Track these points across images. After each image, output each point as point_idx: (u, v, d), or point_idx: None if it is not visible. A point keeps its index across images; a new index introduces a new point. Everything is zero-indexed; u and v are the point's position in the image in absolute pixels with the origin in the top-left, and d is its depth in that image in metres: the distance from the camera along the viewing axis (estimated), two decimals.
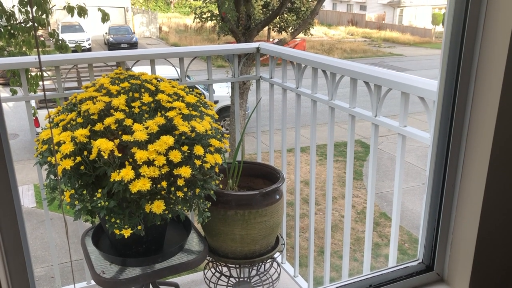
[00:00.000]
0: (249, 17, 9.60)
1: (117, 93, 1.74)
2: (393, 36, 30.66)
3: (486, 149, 1.14)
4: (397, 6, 35.19)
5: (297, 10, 20.52)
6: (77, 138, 1.58)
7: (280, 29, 21.83)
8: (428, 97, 1.43)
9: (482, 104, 1.14)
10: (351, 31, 33.28)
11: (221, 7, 8.97)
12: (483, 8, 1.10)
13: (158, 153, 1.60)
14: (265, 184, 2.24)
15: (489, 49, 1.10)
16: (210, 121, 1.81)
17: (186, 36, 27.11)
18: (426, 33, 30.32)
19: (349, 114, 1.86)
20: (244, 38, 9.51)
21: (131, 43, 22.93)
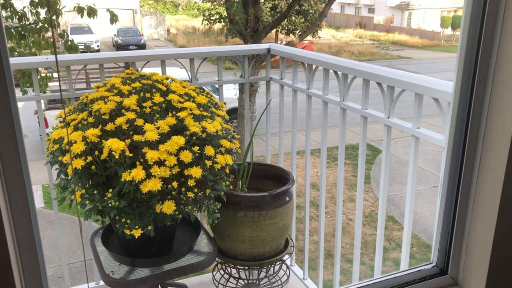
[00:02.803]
0: (258, 19, 9.61)
1: (129, 93, 1.73)
2: (402, 39, 30.54)
3: (503, 150, 1.12)
4: (406, 9, 35.06)
5: (305, 13, 20.50)
6: (88, 138, 1.57)
7: (288, 32, 21.81)
8: (442, 99, 1.41)
9: (500, 105, 1.12)
10: (359, 33, 33.18)
11: (229, 9, 8.98)
12: (501, 8, 1.08)
13: (169, 153, 1.59)
14: (275, 186, 2.23)
15: (507, 50, 1.09)
16: (221, 121, 1.81)
17: (194, 38, 27.18)
18: (434, 36, 30.17)
19: (361, 116, 1.84)
20: (252, 40, 9.51)
21: (140, 45, 23.04)
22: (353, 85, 1.93)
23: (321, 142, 2.18)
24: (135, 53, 2.13)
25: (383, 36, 31.54)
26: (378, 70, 1.70)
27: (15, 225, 0.84)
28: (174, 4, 36.02)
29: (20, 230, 0.82)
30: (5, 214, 0.85)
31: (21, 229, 0.83)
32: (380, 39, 31.06)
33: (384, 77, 1.66)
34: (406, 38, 30.68)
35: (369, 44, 29.60)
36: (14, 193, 0.86)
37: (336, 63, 1.92)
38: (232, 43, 20.05)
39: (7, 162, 0.84)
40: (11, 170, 0.85)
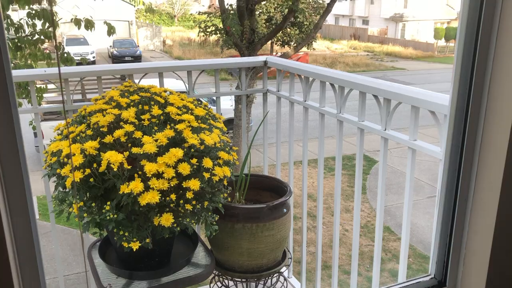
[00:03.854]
0: (253, 31, 9.67)
1: (127, 106, 1.74)
2: (396, 50, 30.79)
3: (499, 163, 1.13)
4: (400, 21, 35.41)
5: (300, 25, 20.64)
6: (86, 151, 1.58)
7: (283, 43, 21.93)
8: (439, 111, 1.43)
9: (495, 117, 1.14)
10: (354, 45, 33.44)
11: (225, 21, 9.04)
12: (495, 22, 1.11)
13: (167, 166, 1.60)
14: (272, 197, 2.23)
15: (502, 63, 1.11)
16: (219, 133, 1.82)
17: (190, 49, 27.27)
18: (428, 47, 30.45)
19: (358, 128, 1.86)
20: (248, 52, 9.57)
21: (135, 56, 23.08)
22: (350, 95, 1.95)
23: (318, 154, 2.19)
24: (134, 66, 2.14)
25: (378, 48, 31.78)
26: (375, 83, 1.72)
27: (15, 239, 0.84)
28: (169, 15, 36.20)
29: (21, 247, 0.82)
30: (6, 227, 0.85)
31: (22, 246, 0.83)
32: (375, 50, 31.30)
33: (381, 90, 1.68)
34: (400, 49, 30.93)
35: (363, 55, 29.82)
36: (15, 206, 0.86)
37: (332, 76, 1.94)
38: (228, 54, 20.13)
39: (8, 175, 0.85)
40: (13, 183, 0.85)
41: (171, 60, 25.34)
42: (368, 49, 31.99)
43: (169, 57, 26.18)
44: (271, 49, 22.16)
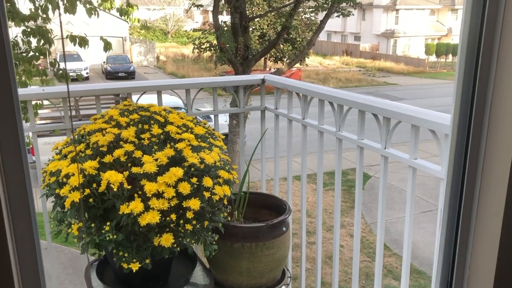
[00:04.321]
0: (247, 48, 9.74)
1: (127, 125, 1.74)
2: (388, 65, 31.09)
3: (503, 183, 1.14)
4: (391, 37, 35.84)
5: (292, 41, 20.85)
6: (86, 170, 1.56)
7: (276, 59, 22.11)
8: (439, 130, 1.43)
9: (498, 136, 1.15)
10: (346, 60, 33.74)
11: (220, 38, 9.11)
12: (496, 40, 1.12)
13: (167, 185, 1.59)
14: (271, 215, 2.22)
15: (503, 81, 1.12)
16: (219, 152, 1.81)
17: (184, 65, 27.37)
18: (420, 63, 30.79)
19: (357, 146, 1.86)
20: (242, 68, 9.62)
21: (129, 72, 23.11)
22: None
23: (317, 171, 2.19)
24: (133, 84, 2.14)
25: (370, 63, 32.09)
26: (374, 102, 1.73)
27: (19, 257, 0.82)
28: (163, 32, 36.40)
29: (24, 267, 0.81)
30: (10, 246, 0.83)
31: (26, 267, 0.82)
32: (367, 66, 31.59)
33: (380, 109, 1.69)
34: (392, 65, 31.25)
35: (355, 70, 30.08)
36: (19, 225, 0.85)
37: (331, 94, 1.95)
38: (221, 69, 20.23)
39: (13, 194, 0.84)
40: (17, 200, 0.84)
41: (165, 75, 25.42)
42: (360, 64, 32.29)
43: (163, 73, 26.24)
44: (264, 65, 22.32)
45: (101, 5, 6.06)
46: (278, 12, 13.44)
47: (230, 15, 9.90)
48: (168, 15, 35.54)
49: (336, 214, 2.08)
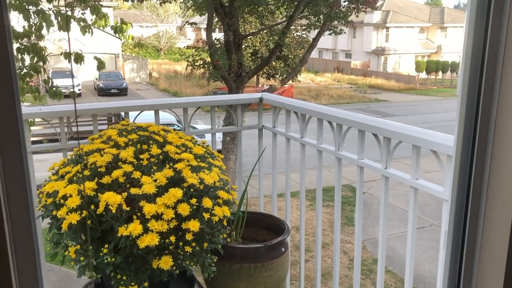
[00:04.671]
0: (240, 65, 9.79)
1: (125, 145, 1.72)
2: (378, 82, 31.37)
3: (508, 204, 1.13)
4: (382, 54, 36.26)
5: (285, 58, 21.05)
6: (84, 192, 1.54)
7: (269, 76, 22.28)
8: (441, 151, 1.43)
9: (502, 159, 1.15)
10: (337, 77, 34.02)
11: (213, 55, 9.15)
12: (499, 65, 1.12)
13: (166, 207, 1.56)
14: (270, 235, 2.20)
15: (507, 102, 1.12)
16: (218, 172, 1.80)
17: (176, 82, 27.41)
18: (410, 80, 31.11)
19: (357, 166, 1.85)
20: (235, 85, 9.65)
21: (121, 89, 23.09)
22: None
23: (316, 194, 2.17)
24: (129, 103, 2.13)
25: (361, 80, 32.37)
26: (374, 122, 1.73)
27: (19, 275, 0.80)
28: (156, 48, 36.54)
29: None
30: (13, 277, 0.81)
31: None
32: (358, 82, 31.86)
33: (380, 129, 1.68)
34: (382, 81, 31.54)
35: (347, 87, 30.32)
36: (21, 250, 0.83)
37: (330, 114, 1.95)
38: (214, 86, 20.30)
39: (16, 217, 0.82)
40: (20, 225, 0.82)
41: (158, 92, 25.43)
42: (351, 81, 32.56)
43: (155, 90, 26.25)
44: (257, 82, 22.44)
45: (96, 23, 6.06)
46: (270, 29, 13.57)
47: (224, 33, 9.97)
48: (160, 32, 35.74)
49: (336, 236, 2.06)
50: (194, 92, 24.10)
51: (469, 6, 1.17)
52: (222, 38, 10.69)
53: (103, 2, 8.69)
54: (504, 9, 1.10)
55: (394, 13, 35.58)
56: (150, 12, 33.33)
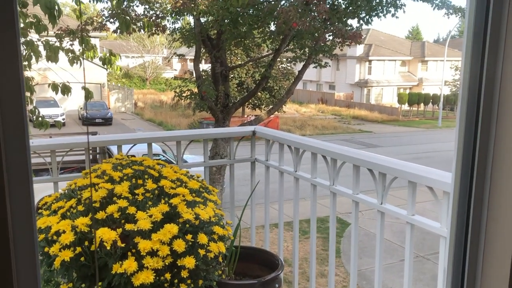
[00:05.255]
0: (227, 96, 9.87)
1: (120, 180, 1.70)
2: (362, 113, 31.84)
3: (507, 243, 1.14)
4: (364, 86, 36.96)
5: (270, 89, 21.32)
6: (78, 227, 1.51)
7: (254, 106, 22.48)
8: (437, 187, 1.45)
9: (500, 195, 1.16)
10: (322, 108, 34.45)
11: (200, 86, 9.22)
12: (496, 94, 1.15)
13: (162, 243, 1.54)
14: (262, 270, 2.17)
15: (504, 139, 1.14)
16: (214, 207, 1.78)
17: (162, 111, 27.42)
18: (393, 111, 31.65)
19: (352, 201, 1.86)
20: (222, 115, 9.70)
21: (106, 118, 22.97)
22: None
23: (310, 228, 2.16)
24: (122, 136, 2.12)
25: (344, 111, 32.81)
26: (369, 157, 1.75)
27: None
28: (141, 78, 36.66)
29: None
30: None
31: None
32: (342, 113, 32.28)
33: (375, 164, 1.70)
34: (366, 113, 32.01)
35: (331, 118, 30.67)
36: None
37: (324, 148, 1.96)
38: (200, 116, 20.35)
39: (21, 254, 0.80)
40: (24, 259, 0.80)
41: (143, 122, 25.35)
42: (335, 112, 32.98)
43: (141, 119, 26.19)
44: (242, 112, 22.57)
45: (84, 53, 6.08)
46: (256, 61, 13.78)
47: (211, 64, 10.08)
48: (146, 63, 35.96)
49: (331, 268, 2.04)
50: (180, 122, 24.09)
51: (465, 39, 1.20)
52: (209, 69, 10.80)
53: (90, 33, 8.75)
54: (500, 42, 1.13)
55: (376, 47, 36.51)
56: (136, 42, 33.58)
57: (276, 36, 9.85)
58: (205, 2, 7.79)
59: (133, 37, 30.21)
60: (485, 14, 1.16)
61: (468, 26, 1.19)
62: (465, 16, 1.21)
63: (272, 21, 9.12)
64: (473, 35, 1.18)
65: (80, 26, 7.77)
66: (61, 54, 5.80)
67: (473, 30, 1.17)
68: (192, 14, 8.31)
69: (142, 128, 22.47)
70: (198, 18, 8.88)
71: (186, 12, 7.99)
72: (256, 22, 9.34)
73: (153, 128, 23.30)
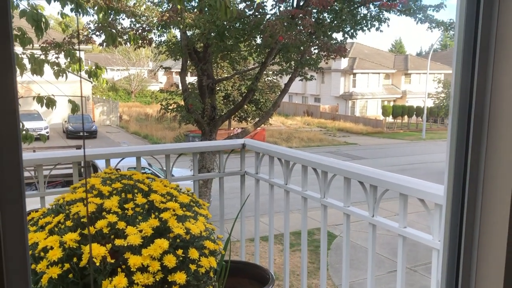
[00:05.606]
0: (214, 109, 9.86)
1: (109, 194, 1.67)
2: (347, 126, 32.09)
3: (499, 255, 1.15)
4: (349, 99, 37.32)
5: (256, 102, 21.40)
6: (66, 243, 1.48)
7: (241, 119, 22.52)
8: (429, 200, 1.45)
9: (492, 208, 1.17)
10: (307, 121, 34.65)
11: (187, 99, 9.21)
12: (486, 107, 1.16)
13: (152, 258, 1.52)
14: (252, 285, 2.15)
15: (495, 153, 1.15)
16: (204, 221, 1.76)
17: (147, 124, 27.29)
18: (377, 123, 31.98)
19: (344, 213, 1.86)
20: (209, 128, 9.68)
21: (91, 132, 22.79)
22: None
23: (302, 242, 2.15)
24: (111, 150, 2.09)
25: (330, 123, 33.05)
26: (360, 169, 1.75)
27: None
28: (127, 91, 36.50)
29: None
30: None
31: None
32: (327, 126, 32.50)
33: (366, 177, 1.70)
34: (351, 125, 32.28)
35: (317, 130, 30.85)
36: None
37: (315, 161, 1.96)
38: (185, 129, 20.28)
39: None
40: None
41: (128, 135, 25.18)
42: (321, 124, 33.20)
43: (126, 132, 26.00)
44: (228, 124, 22.58)
45: (69, 66, 6.03)
46: (242, 74, 13.85)
47: (197, 77, 10.08)
48: (132, 76, 35.83)
49: (322, 282, 2.03)
50: (165, 135, 23.97)
51: (455, 52, 1.21)
52: (195, 81, 10.81)
53: (76, 45, 8.68)
54: (489, 54, 1.14)
55: (360, 60, 36.99)
56: (121, 55, 33.48)
57: (263, 49, 9.91)
58: (192, 15, 7.82)
59: (119, 50, 30.14)
60: (474, 27, 1.18)
61: (458, 39, 1.20)
62: (455, 29, 1.22)
63: (258, 34, 9.19)
64: (463, 48, 1.19)
65: (66, 39, 7.72)
66: (46, 67, 5.75)
67: (463, 43, 1.19)
68: (179, 28, 8.33)
69: (127, 141, 22.30)
70: (185, 31, 8.89)
71: (173, 25, 8.00)
72: (242, 35, 9.39)
73: (138, 141, 23.15)
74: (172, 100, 11.06)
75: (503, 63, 1.15)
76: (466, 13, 1.18)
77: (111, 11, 6.48)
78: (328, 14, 9.65)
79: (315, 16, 9.35)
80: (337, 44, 9.78)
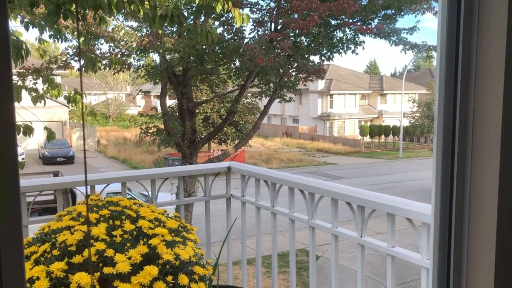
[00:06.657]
0: (194, 131, 9.85)
1: (96, 221, 1.65)
2: (326, 146, 32.38)
3: (488, 271, 1.17)
4: (327, 119, 37.78)
5: (236, 124, 21.47)
6: (53, 273, 1.44)
7: (220, 141, 22.50)
8: (416, 219, 1.48)
9: (479, 225, 1.20)
10: (286, 141, 34.85)
11: (168, 122, 9.19)
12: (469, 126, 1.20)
13: (141, 286, 1.49)
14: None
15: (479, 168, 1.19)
16: (193, 246, 1.75)
17: (125, 148, 27.02)
18: (355, 143, 32.38)
19: (332, 234, 1.87)
20: (189, 151, 9.65)
21: (68, 157, 22.42)
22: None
23: (290, 263, 2.15)
24: (96, 176, 2.07)
25: (309, 144, 33.29)
26: (346, 190, 1.77)
27: None
28: (104, 116, 36.18)
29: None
30: None
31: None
32: (306, 146, 32.72)
33: (353, 197, 1.72)
34: (329, 145, 32.59)
35: (296, 151, 31.02)
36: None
37: (302, 183, 1.98)
38: (165, 152, 20.14)
39: None
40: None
41: (106, 159, 24.85)
42: (300, 145, 33.42)
43: (104, 157, 25.67)
44: (208, 147, 22.52)
45: (47, 92, 5.97)
46: (221, 97, 13.93)
47: (177, 100, 10.09)
48: (109, 100, 35.58)
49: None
50: (144, 159, 23.74)
51: (437, 75, 1.25)
52: (174, 105, 10.80)
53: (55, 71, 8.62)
54: (470, 77, 1.18)
55: (336, 81, 37.62)
56: (99, 80, 33.28)
57: (242, 72, 10.01)
58: (171, 40, 7.87)
59: (96, 74, 29.96)
60: (455, 50, 1.22)
61: (440, 62, 1.25)
62: (437, 52, 1.27)
63: (237, 58, 9.29)
64: (445, 71, 1.23)
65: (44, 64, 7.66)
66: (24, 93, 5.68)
67: (445, 66, 1.23)
68: (158, 52, 8.36)
69: (105, 166, 21.99)
70: (164, 55, 8.93)
71: (152, 49, 8.03)
72: (222, 59, 9.48)
73: (116, 166, 22.85)
74: (152, 124, 11.02)
75: (484, 83, 1.20)
76: (447, 37, 1.23)
77: (91, 36, 6.48)
78: (305, 38, 9.85)
79: (292, 39, 9.53)
80: (315, 66, 9.96)
